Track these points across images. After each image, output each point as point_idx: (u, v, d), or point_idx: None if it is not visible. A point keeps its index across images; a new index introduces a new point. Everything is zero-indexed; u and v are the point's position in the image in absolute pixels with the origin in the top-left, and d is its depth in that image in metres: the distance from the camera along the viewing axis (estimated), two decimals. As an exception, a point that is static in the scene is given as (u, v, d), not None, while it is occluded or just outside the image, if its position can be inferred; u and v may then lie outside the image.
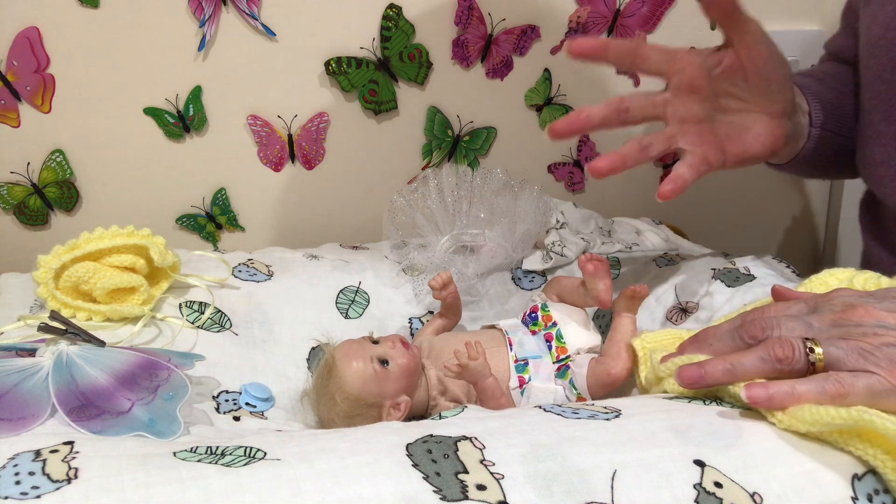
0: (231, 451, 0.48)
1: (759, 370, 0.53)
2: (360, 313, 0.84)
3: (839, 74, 0.86)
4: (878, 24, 0.76)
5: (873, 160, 0.77)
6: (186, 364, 0.65)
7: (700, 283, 0.80)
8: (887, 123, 0.75)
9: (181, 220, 1.02)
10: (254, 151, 1.00)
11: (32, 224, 0.97)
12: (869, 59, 0.78)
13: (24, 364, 0.59)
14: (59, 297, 0.71)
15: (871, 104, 0.77)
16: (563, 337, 0.75)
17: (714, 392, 0.56)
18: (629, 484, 0.46)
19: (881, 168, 0.76)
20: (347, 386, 0.71)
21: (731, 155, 0.71)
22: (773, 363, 0.53)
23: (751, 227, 1.22)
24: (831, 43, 0.91)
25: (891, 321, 0.52)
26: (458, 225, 0.89)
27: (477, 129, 1.05)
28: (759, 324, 0.56)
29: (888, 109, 0.75)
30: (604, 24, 1.03)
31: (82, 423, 0.54)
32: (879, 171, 0.76)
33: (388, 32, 0.96)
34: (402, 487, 0.44)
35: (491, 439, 0.49)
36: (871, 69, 0.77)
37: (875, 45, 0.76)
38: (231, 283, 0.81)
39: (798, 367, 0.53)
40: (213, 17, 0.92)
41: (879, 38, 0.75)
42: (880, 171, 0.76)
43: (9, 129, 0.92)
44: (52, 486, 0.44)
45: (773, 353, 0.53)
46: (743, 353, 0.55)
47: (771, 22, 1.09)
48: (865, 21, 0.79)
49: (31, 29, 0.88)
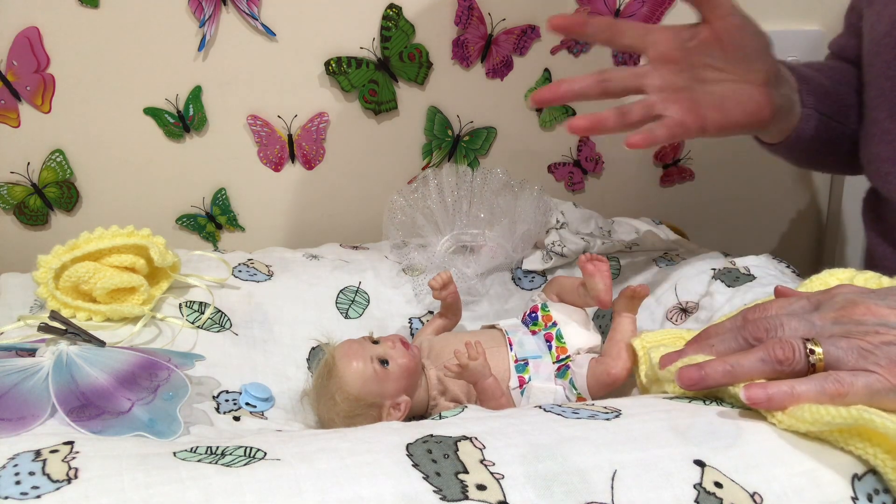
0: (231, 451, 0.48)
1: (760, 371, 0.53)
2: (360, 313, 0.84)
3: (838, 67, 0.87)
4: (883, 22, 0.76)
5: (878, 157, 0.77)
6: (186, 364, 0.65)
7: (700, 283, 0.80)
8: (892, 120, 0.75)
9: (181, 220, 1.02)
10: (254, 151, 1.00)
11: (32, 224, 0.97)
12: (873, 56, 0.78)
13: (24, 364, 0.59)
14: (59, 297, 0.71)
15: (876, 101, 0.78)
16: (563, 337, 0.75)
17: (714, 392, 0.56)
18: (629, 484, 0.46)
19: (886, 164, 0.76)
20: (347, 386, 0.71)
21: (712, 122, 0.72)
22: (773, 364, 0.53)
23: (751, 227, 1.22)
24: (835, 43, 0.92)
25: (892, 319, 0.52)
26: (458, 225, 0.89)
27: (477, 129, 1.05)
28: (761, 324, 0.56)
29: (893, 106, 0.75)
30: (604, 24, 1.03)
31: (82, 423, 0.54)
32: (885, 168, 0.77)
33: (388, 32, 0.96)
34: (403, 487, 0.44)
35: (491, 439, 0.49)
36: (875, 66, 0.78)
37: (879, 42, 0.76)
38: (231, 283, 0.81)
39: (798, 368, 0.53)
40: (213, 17, 0.92)
41: (884, 35, 0.75)
42: (886, 167, 0.77)
43: (9, 129, 0.92)
44: (52, 486, 0.44)
45: (773, 354, 0.53)
46: (743, 355, 0.55)
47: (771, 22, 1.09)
48: (870, 19, 0.79)
49: (31, 29, 0.88)
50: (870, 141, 0.79)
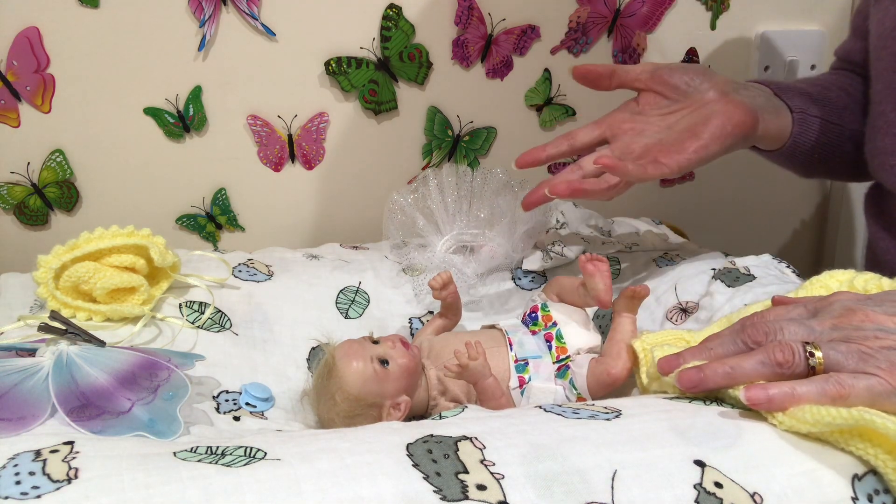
0: (231, 451, 0.48)
1: (759, 373, 0.54)
2: (360, 313, 0.84)
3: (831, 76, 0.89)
4: (890, 16, 0.77)
5: (884, 150, 0.78)
6: (186, 364, 0.65)
7: (700, 283, 0.80)
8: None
9: (181, 220, 1.01)
10: (254, 151, 1.00)
11: (32, 224, 0.97)
12: (880, 50, 0.79)
13: (24, 364, 0.59)
14: (59, 297, 0.71)
15: (882, 95, 0.79)
16: (563, 337, 0.75)
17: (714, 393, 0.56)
18: (629, 484, 0.46)
19: (892, 157, 0.77)
20: (347, 386, 0.71)
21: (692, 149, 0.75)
22: (773, 367, 0.53)
23: (751, 227, 1.22)
24: (841, 48, 0.94)
25: (890, 325, 0.53)
26: (458, 225, 0.89)
27: (477, 129, 1.05)
28: (760, 327, 0.56)
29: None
30: (604, 24, 1.03)
31: (82, 423, 0.54)
32: (890, 161, 0.78)
33: (388, 32, 0.96)
34: (403, 487, 0.44)
35: (491, 439, 0.49)
36: (882, 60, 0.79)
37: (887, 36, 0.78)
38: (231, 283, 0.81)
39: (798, 371, 0.53)
40: (213, 17, 0.92)
41: (892, 29, 0.77)
42: (891, 160, 0.77)
43: (9, 129, 0.92)
44: (52, 486, 0.44)
45: (773, 356, 0.53)
46: (743, 357, 0.55)
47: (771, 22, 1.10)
48: (877, 15, 0.81)
49: (31, 29, 0.88)
50: (875, 134, 0.80)
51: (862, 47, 0.85)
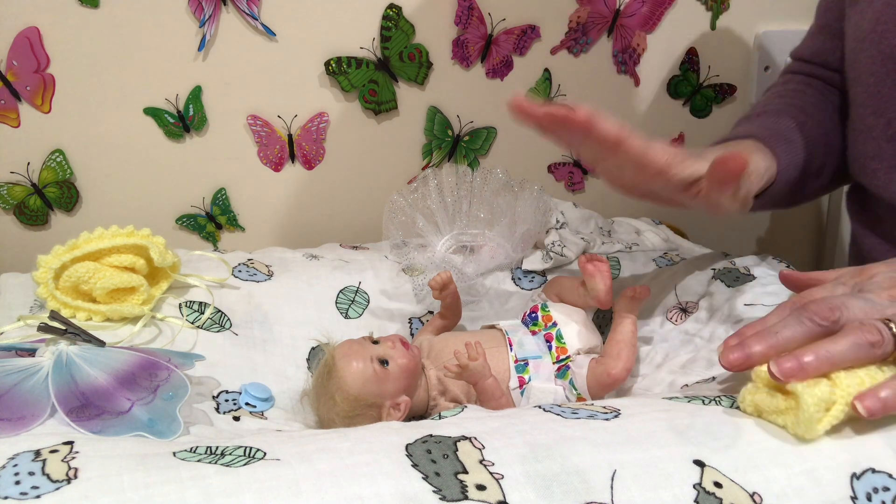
0: (231, 451, 0.48)
1: (856, 356, 0.52)
2: (360, 313, 0.84)
3: (778, 90, 0.88)
4: (867, 19, 0.76)
5: (864, 153, 0.78)
6: (186, 364, 0.65)
7: (700, 283, 0.80)
8: (876, 116, 0.76)
9: (181, 220, 1.02)
10: (254, 151, 1.00)
11: (32, 224, 0.97)
12: (858, 53, 0.78)
13: (24, 364, 0.59)
14: (59, 297, 0.71)
15: (861, 99, 0.78)
16: (563, 337, 0.75)
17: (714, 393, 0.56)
18: (629, 484, 0.46)
19: (873, 161, 0.77)
20: (347, 386, 0.71)
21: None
22: (867, 349, 0.51)
23: (751, 227, 1.22)
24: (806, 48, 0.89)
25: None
26: (458, 225, 0.89)
27: (477, 129, 1.05)
28: (824, 303, 0.54)
29: (878, 102, 0.75)
30: (604, 24, 1.03)
31: (82, 423, 0.54)
32: (871, 165, 0.77)
33: (388, 32, 0.96)
34: (402, 487, 0.44)
35: (490, 439, 0.49)
36: (860, 63, 0.78)
37: (864, 39, 0.77)
38: (231, 283, 0.81)
39: (888, 350, 0.52)
40: (213, 17, 0.92)
41: (869, 31, 0.76)
42: (872, 164, 0.77)
43: (9, 129, 0.92)
44: (51, 486, 0.44)
45: (866, 338, 0.51)
46: (832, 341, 0.52)
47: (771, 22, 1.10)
48: (853, 18, 0.80)
49: (31, 29, 0.88)
50: (856, 138, 0.80)
51: (835, 46, 0.83)
